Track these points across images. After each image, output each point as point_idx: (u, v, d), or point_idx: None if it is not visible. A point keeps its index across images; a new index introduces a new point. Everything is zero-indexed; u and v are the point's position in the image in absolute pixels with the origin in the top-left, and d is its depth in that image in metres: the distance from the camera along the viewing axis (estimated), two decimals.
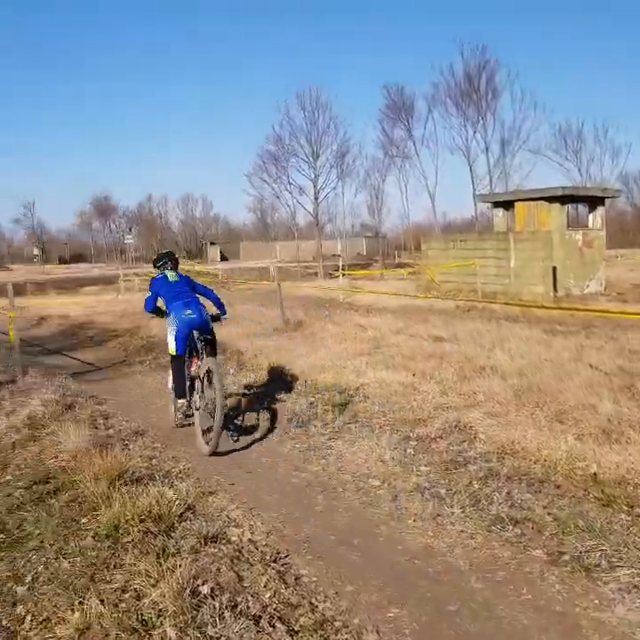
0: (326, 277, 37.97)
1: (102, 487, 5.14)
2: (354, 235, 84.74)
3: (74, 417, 7.55)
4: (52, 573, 4.10)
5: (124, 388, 9.87)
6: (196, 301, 7.26)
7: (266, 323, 14.00)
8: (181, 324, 7.06)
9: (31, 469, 6.16)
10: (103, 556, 4.18)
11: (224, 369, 9.81)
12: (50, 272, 63.10)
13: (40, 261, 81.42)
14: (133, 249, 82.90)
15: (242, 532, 4.58)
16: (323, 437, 6.63)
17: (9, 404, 8.53)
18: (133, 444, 6.64)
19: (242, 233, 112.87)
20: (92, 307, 22.62)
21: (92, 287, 39.03)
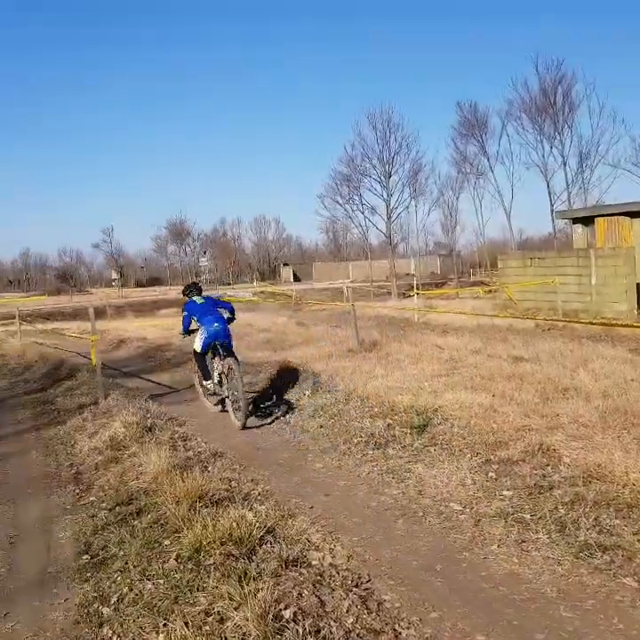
0: (400, 297, 37.85)
1: (183, 509, 5.19)
2: (427, 253, 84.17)
3: (154, 439, 7.67)
4: (136, 595, 4.15)
5: (201, 410, 9.97)
6: (220, 317, 9.58)
7: (340, 344, 13.99)
8: (209, 334, 9.34)
9: (114, 491, 6.29)
10: (186, 579, 4.21)
11: (301, 389, 9.89)
12: (127, 295, 64.59)
13: (118, 285, 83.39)
14: (208, 271, 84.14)
15: (322, 555, 4.55)
16: (401, 460, 6.56)
17: (91, 426, 8.74)
18: (212, 466, 6.68)
19: (314, 254, 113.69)
20: (169, 329, 22.97)
21: (169, 310, 39.72)
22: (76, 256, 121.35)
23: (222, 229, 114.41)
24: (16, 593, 4.60)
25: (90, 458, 7.57)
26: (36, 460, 8.03)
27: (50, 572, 4.87)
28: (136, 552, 4.72)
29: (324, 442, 7.59)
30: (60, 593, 4.50)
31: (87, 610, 4.15)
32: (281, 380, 10.94)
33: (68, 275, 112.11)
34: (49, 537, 5.55)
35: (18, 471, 7.63)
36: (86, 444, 8.04)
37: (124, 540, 5.00)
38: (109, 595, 4.25)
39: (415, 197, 49.72)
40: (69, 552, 5.18)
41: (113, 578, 4.46)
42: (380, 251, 69.75)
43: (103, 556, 4.90)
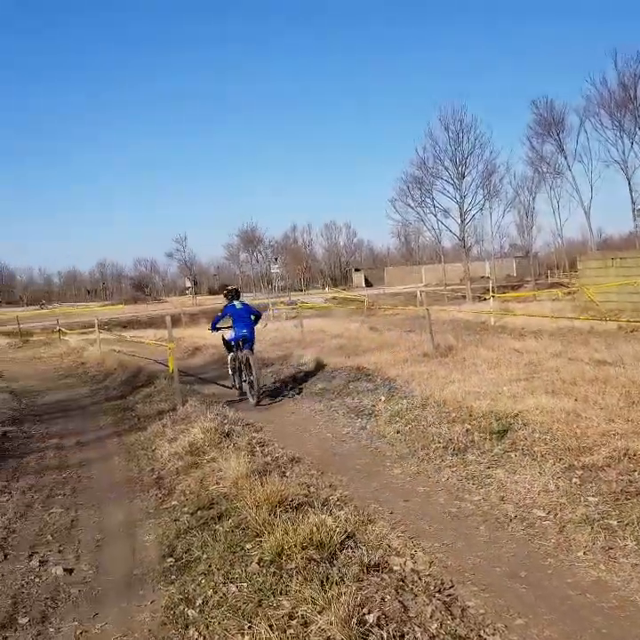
0: (475, 300, 37.40)
1: (264, 514, 5.23)
2: (502, 255, 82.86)
3: (232, 444, 7.74)
4: (220, 597, 4.20)
5: (277, 416, 10.06)
6: (250, 324, 12.13)
7: (415, 349, 13.90)
8: (237, 335, 11.99)
9: (195, 495, 6.37)
10: (269, 582, 4.24)
11: (376, 394, 9.87)
12: (201, 303, 65.55)
13: (192, 293, 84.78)
14: (280, 278, 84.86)
15: (404, 561, 4.52)
16: (481, 466, 6.47)
17: (171, 432, 8.88)
18: (290, 472, 6.72)
19: (386, 258, 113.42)
20: None
21: None
22: (151, 265, 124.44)
23: (293, 236, 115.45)
24: (104, 594, 4.72)
25: (170, 463, 7.69)
26: (119, 466, 8.22)
27: (136, 574, 4.98)
28: (219, 555, 4.78)
29: (402, 447, 7.56)
30: (146, 595, 4.59)
31: (173, 611, 4.23)
32: (354, 386, 10.94)
33: (143, 284, 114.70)
34: (133, 540, 5.68)
35: (102, 476, 7.81)
36: (166, 449, 8.17)
37: (206, 544, 5.07)
38: (194, 597, 4.32)
39: (489, 199, 49.18)
40: (154, 555, 5.28)
41: (197, 580, 4.53)
42: (453, 254, 69.08)
43: (187, 559, 4.98)
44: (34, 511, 6.63)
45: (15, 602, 4.65)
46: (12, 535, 5.97)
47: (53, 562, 5.32)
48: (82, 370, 18.84)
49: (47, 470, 8.14)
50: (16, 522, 6.32)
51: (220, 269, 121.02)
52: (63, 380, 17.57)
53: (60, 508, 6.68)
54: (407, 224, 59.63)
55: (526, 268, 67.90)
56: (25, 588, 4.88)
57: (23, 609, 4.53)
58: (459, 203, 46.75)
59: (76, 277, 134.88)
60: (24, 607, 4.56)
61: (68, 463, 8.45)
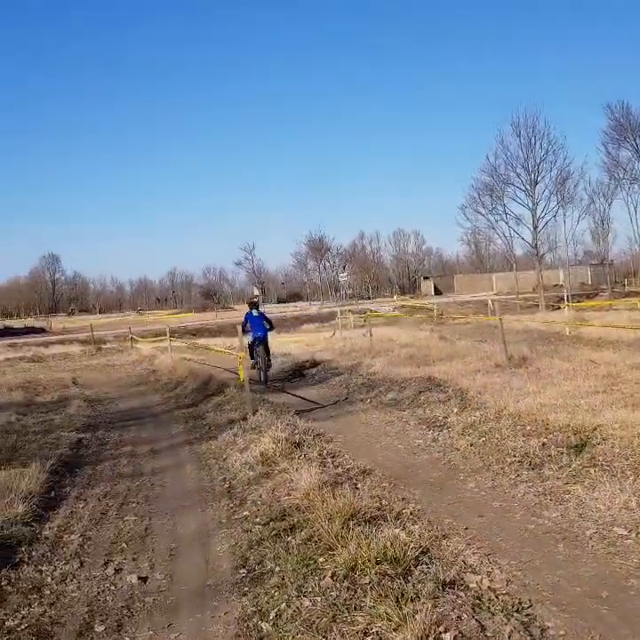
0: (548, 309, 36.70)
1: (336, 527, 5.18)
2: (576, 263, 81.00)
3: (303, 455, 7.72)
4: (294, 611, 4.16)
5: (347, 427, 9.99)
6: (264, 329, 15.59)
7: (487, 359, 13.69)
8: (253, 338, 15.44)
9: (266, 506, 6.37)
10: (343, 597, 4.19)
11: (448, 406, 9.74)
12: (269, 311, 65.85)
13: (259, 301, 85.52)
14: (347, 286, 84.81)
15: (480, 578, 4.42)
16: (559, 481, 6.29)
17: (242, 441, 8.92)
18: (362, 484, 6.64)
19: (455, 266, 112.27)
20: (312, 344, 23.32)
21: (310, 325, 40.39)
22: (220, 274, 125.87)
23: (361, 244, 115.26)
24: (178, 604, 4.73)
25: (242, 473, 7.71)
26: (191, 474, 8.28)
27: (209, 584, 4.99)
28: (292, 568, 4.75)
29: (476, 461, 7.42)
30: (220, 606, 4.59)
31: (247, 624, 4.21)
32: (425, 396, 10.82)
33: (212, 292, 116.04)
34: (206, 550, 5.69)
35: (174, 484, 7.89)
36: (238, 459, 8.21)
37: (279, 556, 5.05)
38: (268, 610, 4.29)
39: (563, 205, 48.15)
40: (226, 566, 5.28)
41: (270, 593, 4.50)
42: (524, 261, 67.80)
43: (260, 571, 4.96)
44: (109, 519, 6.73)
45: (91, 609, 4.70)
46: (88, 542, 6.07)
47: (128, 570, 5.37)
48: (153, 378, 19.15)
49: (121, 478, 8.26)
50: (91, 529, 6.42)
51: (287, 277, 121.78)
52: (135, 388, 17.89)
53: (133, 515, 6.77)
54: (477, 231, 58.88)
55: (602, 276, 66.39)
56: (101, 595, 4.94)
57: (99, 617, 4.58)
58: (531, 210, 45.95)
59: (146, 286, 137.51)
60: (100, 615, 4.61)
61: (142, 471, 8.56)
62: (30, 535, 6.14)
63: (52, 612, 4.70)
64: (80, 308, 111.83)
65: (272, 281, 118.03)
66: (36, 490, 7.12)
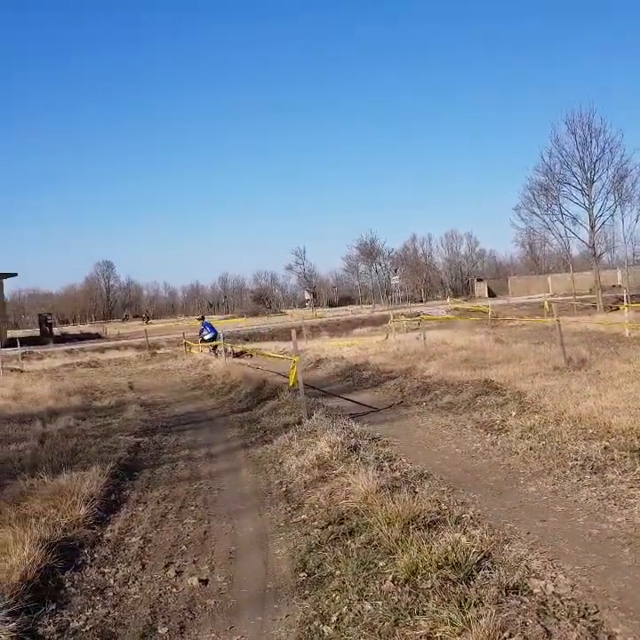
0: (607, 311, 36.02)
1: (396, 531, 5.15)
2: (636, 263, 79.06)
3: (359, 459, 7.67)
4: (356, 615, 4.15)
5: (403, 430, 9.93)
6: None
7: (545, 362, 13.48)
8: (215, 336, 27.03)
9: (324, 510, 6.36)
10: (405, 601, 4.16)
11: (506, 409, 9.62)
12: (321, 315, 66.04)
13: (311, 305, 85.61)
14: (399, 289, 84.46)
15: (544, 584, 4.34)
16: (623, 485, 6.15)
17: (297, 445, 8.92)
18: (420, 488, 6.57)
19: (509, 267, 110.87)
20: (365, 348, 23.23)
21: (362, 329, 40.24)
22: (271, 278, 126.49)
23: (413, 246, 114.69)
24: (239, 607, 4.75)
25: (298, 476, 7.72)
26: (248, 478, 8.32)
27: (269, 587, 5.00)
28: (352, 572, 4.73)
29: (536, 464, 7.30)
30: (280, 609, 4.60)
31: (308, 627, 4.21)
32: (482, 400, 10.70)
33: (263, 297, 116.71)
34: (265, 553, 5.71)
35: (232, 488, 7.93)
36: (294, 462, 8.21)
37: (338, 560, 5.03)
38: (329, 613, 4.28)
39: (621, 204, 46.99)
40: (286, 569, 5.29)
41: (331, 597, 4.49)
42: (581, 262, 66.53)
43: (319, 575, 4.95)
44: (168, 521, 6.79)
45: (154, 611, 4.75)
46: (149, 545, 6.14)
47: (189, 572, 5.42)
48: (208, 382, 19.30)
49: (179, 481, 8.34)
50: (152, 531, 6.49)
51: (338, 281, 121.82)
52: (190, 392, 18.06)
53: (193, 518, 6.82)
54: (532, 232, 57.90)
55: None
56: (163, 597, 4.99)
57: (162, 618, 4.63)
58: (588, 209, 45.05)
59: (198, 291, 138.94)
60: (163, 617, 4.66)
61: (199, 474, 8.63)
62: (92, 537, 6.25)
63: (116, 613, 4.77)
64: (134, 314, 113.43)
65: (323, 285, 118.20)
66: (97, 493, 7.23)
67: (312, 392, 14.28)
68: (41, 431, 11.46)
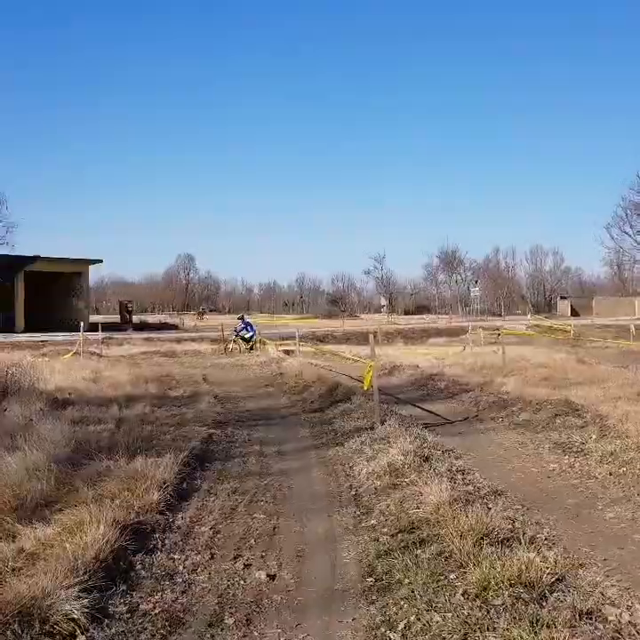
0: None
1: (468, 545, 5.08)
2: None
3: (432, 469, 7.59)
4: (424, 625, 4.11)
5: (477, 445, 9.78)
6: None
7: (629, 386, 13.06)
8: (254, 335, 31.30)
9: (394, 517, 6.31)
10: (475, 616, 4.09)
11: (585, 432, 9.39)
12: (396, 322, 65.77)
13: (386, 311, 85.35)
14: (478, 301, 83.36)
15: (619, 612, 4.20)
16: None
17: (369, 450, 8.88)
18: (493, 504, 6.44)
19: (594, 287, 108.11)
20: (440, 358, 23.02)
21: (438, 339, 39.92)
22: (348, 282, 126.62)
23: (495, 259, 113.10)
24: (305, 605, 4.76)
25: (368, 482, 7.68)
26: (317, 478, 8.33)
27: (336, 589, 4.99)
28: (422, 582, 4.68)
29: (615, 491, 7.09)
30: (347, 611, 4.58)
31: (375, 632, 4.19)
32: (562, 420, 10.46)
33: (338, 299, 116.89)
34: (333, 555, 5.70)
35: (301, 487, 7.95)
36: (364, 467, 8.18)
37: (408, 568, 4.98)
38: (396, 621, 4.25)
39: None
40: (353, 572, 5.27)
41: (399, 604, 4.45)
42: None
43: (387, 581, 4.92)
44: (238, 514, 6.85)
45: (221, 601, 4.80)
46: (218, 535, 6.20)
47: (257, 566, 5.45)
48: (280, 380, 19.40)
49: (249, 475, 8.40)
50: (221, 523, 6.56)
51: (416, 289, 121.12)
52: (263, 389, 18.19)
53: (262, 514, 6.86)
54: (622, 252, 56.33)
55: None
56: (230, 589, 5.03)
57: (229, 609, 4.66)
58: None
59: (274, 290, 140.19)
60: (230, 607, 4.69)
61: (269, 471, 8.67)
62: (164, 523, 6.34)
63: (184, 599, 4.83)
64: (210, 308, 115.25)
65: (400, 292, 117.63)
66: (170, 480, 7.34)
67: (385, 398, 14.19)
68: (118, 415, 11.71)
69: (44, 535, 5.58)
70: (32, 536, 5.56)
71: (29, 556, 5.28)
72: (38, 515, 6.15)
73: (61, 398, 13.43)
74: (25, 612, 4.21)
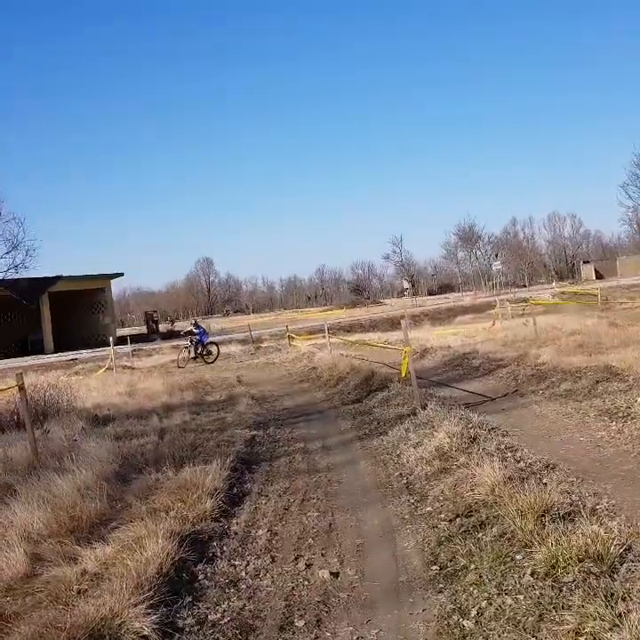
0: None
1: (529, 523, 5.02)
2: None
3: (480, 449, 7.52)
4: (496, 609, 4.08)
5: (521, 420, 9.70)
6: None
7: None
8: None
9: (449, 502, 6.27)
10: (548, 595, 4.05)
11: (630, 395, 9.25)
12: (421, 304, 65.50)
13: (409, 294, 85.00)
14: (500, 274, 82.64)
15: None
16: None
17: (414, 436, 8.84)
18: (548, 479, 6.36)
19: (616, 248, 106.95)
20: (470, 336, 22.90)
21: (465, 316, 39.72)
22: (368, 269, 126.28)
23: (513, 230, 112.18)
24: (372, 600, 4.74)
25: (418, 468, 7.65)
26: (366, 470, 8.30)
27: (401, 580, 4.97)
28: (488, 565, 4.64)
29: None
30: (416, 602, 4.56)
31: (447, 621, 4.16)
32: (603, 386, 10.34)
33: (361, 287, 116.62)
34: (393, 546, 5.67)
35: (351, 480, 7.94)
36: (412, 454, 8.14)
37: (472, 553, 4.94)
38: (468, 607, 4.22)
39: None
40: (416, 562, 5.24)
41: (469, 591, 4.42)
42: None
43: (453, 568, 4.88)
44: (292, 514, 6.85)
45: (289, 604, 4.79)
46: (276, 538, 6.20)
47: (318, 565, 5.44)
48: (314, 374, 19.37)
49: (298, 474, 8.40)
50: (277, 524, 6.56)
51: (437, 269, 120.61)
52: (298, 385, 18.20)
53: (316, 511, 6.85)
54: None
55: None
56: (295, 590, 5.03)
57: (297, 611, 4.66)
58: None
59: (295, 284, 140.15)
60: (298, 610, 4.69)
61: (317, 467, 8.66)
62: (220, 530, 6.36)
63: (251, 606, 4.83)
64: (234, 309, 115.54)
65: (421, 273, 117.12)
66: (221, 486, 7.34)
67: (421, 382, 14.08)
68: (159, 426, 11.76)
69: (104, 554, 5.62)
70: (92, 557, 5.59)
71: (93, 576, 5.31)
72: (96, 534, 6.19)
73: (101, 415, 13.52)
74: (96, 634, 4.23)
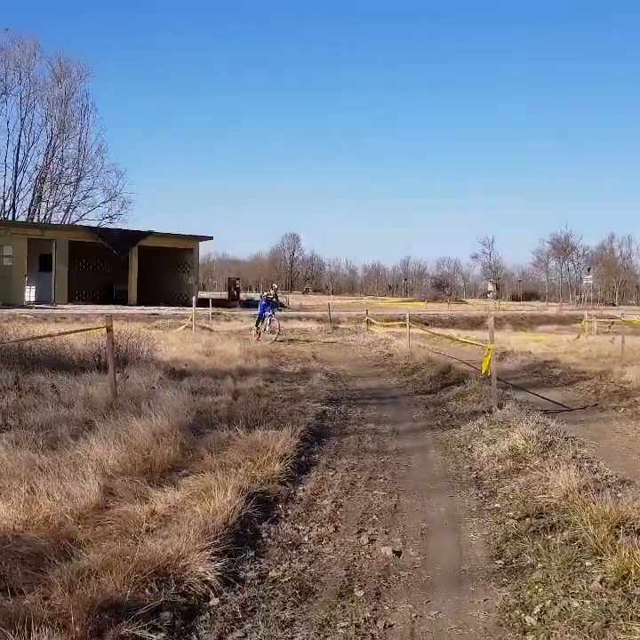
0: None
1: (603, 532, 4.91)
2: None
3: (557, 455, 7.41)
4: (561, 610, 4.01)
5: (599, 433, 9.50)
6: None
7: None
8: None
9: (520, 501, 6.20)
10: (616, 604, 3.97)
11: None
12: (504, 308, 64.55)
13: (493, 297, 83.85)
14: (590, 289, 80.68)
15: None
16: None
17: (488, 433, 8.75)
18: (622, 494, 6.22)
19: None
20: (553, 345, 22.49)
21: (548, 326, 38.99)
22: (454, 266, 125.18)
23: (610, 246, 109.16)
24: (433, 583, 4.73)
25: (489, 465, 7.57)
26: (435, 459, 8.25)
27: (464, 569, 4.93)
28: (557, 567, 4.56)
29: None
30: (477, 592, 4.52)
31: (509, 614, 4.12)
32: None
33: (444, 283, 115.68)
34: (458, 535, 5.64)
35: (420, 466, 7.91)
36: (484, 450, 8.06)
37: (539, 553, 4.86)
38: (531, 604, 4.16)
39: None
40: (480, 554, 5.20)
41: (533, 588, 4.36)
42: None
43: (518, 565, 4.82)
44: (358, 490, 6.87)
45: (349, 574, 4.81)
46: (340, 509, 6.23)
47: (381, 542, 5.44)
48: (389, 361, 19.32)
49: (366, 452, 8.41)
50: (342, 497, 6.59)
51: (525, 275, 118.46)
52: (372, 369, 18.17)
53: (382, 491, 6.85)
54: None
55: None
56: (357, 562, 5.05)
57: (357, 582, 4.67)
58: None
59: (378, 272, 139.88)
60: (358, 580, 4.70)
61: (386, 449, 8.65)
62: (286, 494, 6.44)
63: (312, 569, 4.87)
64: (314, 288, 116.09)
65: (507, 277, 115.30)
66: (290, 452, 7.41)
67: (499, 383, 13.91)
68: (233, 388, 11.92)
69: (174, 499, 5.75)
70: (163, 499, 5.73)
71: (162, 517, 5.46)
72: (167, 479, 6.34)
73: (178, 369, 13.78)
74: (161, 571, 4.34)
